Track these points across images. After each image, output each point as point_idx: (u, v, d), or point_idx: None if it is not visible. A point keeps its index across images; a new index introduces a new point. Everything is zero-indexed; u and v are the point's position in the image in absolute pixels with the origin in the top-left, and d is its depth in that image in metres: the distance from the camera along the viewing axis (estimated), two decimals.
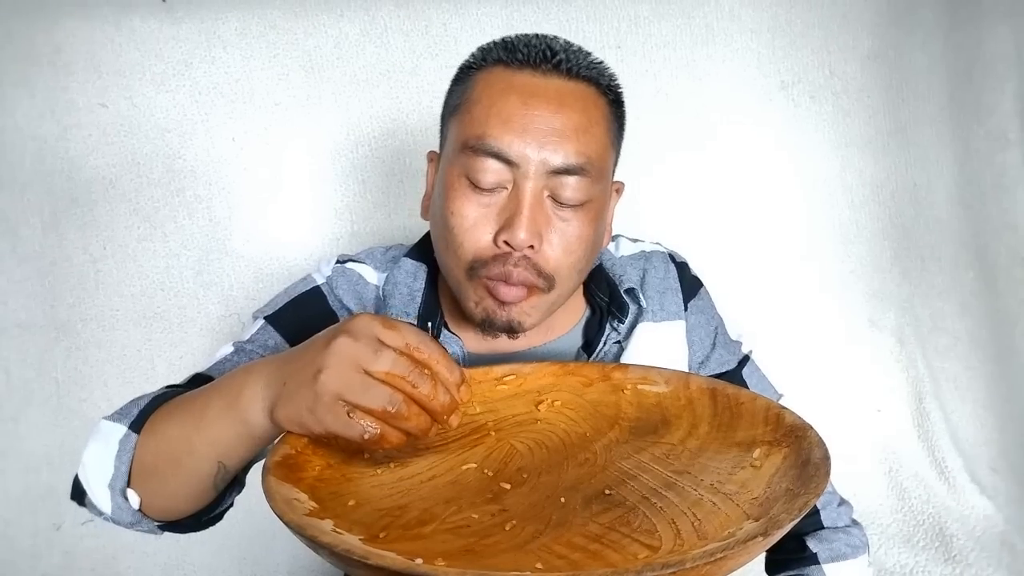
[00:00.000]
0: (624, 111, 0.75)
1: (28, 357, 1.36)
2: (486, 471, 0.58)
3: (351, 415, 0.48)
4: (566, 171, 0.66)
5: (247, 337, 0.75)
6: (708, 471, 0.56)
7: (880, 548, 1.48)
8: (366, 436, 0.48)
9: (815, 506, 0.82)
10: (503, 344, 0.77)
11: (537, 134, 0.66)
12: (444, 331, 0.76)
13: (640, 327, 0.79)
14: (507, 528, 0.49)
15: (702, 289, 0.85)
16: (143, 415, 0.61)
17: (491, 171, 0.66)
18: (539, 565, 0.44)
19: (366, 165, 1.47)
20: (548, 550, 0.46)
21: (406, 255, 0.81)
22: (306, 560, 1.46)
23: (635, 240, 0.88)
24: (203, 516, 0.65)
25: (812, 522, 0.82)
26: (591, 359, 0.77)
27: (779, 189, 1.61)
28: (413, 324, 0.54)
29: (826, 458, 0.51)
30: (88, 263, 1.39)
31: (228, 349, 0.74)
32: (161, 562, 1.42)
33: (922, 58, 1.58)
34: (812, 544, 0.80)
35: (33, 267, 1.38)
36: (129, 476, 0.59)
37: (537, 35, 0.70)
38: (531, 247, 0.67)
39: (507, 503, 0.53)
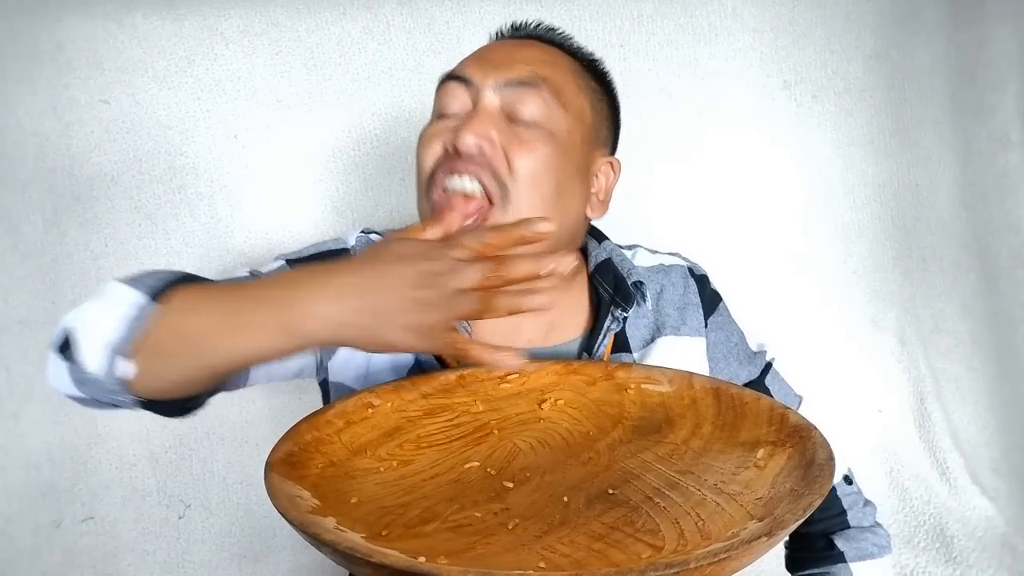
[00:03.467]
0: (610, 86, 0.79)
1: (29, 354, 1.36)
2: (489, 470, 0.58)
3: (453, 331, 0.51)
4: (519, 83, 0.68)
5: (264, 270, 0.74)
6: (712, 471, 0.56)
7: None
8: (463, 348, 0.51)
9: (842, 506, 0.83)
10: (505, 341, 0.76)
11: (494, 56, 0.71)
12: None
13: (661, 340, 0.78)
14: (510, 527, 0.49)
15: (722, 304, 0.84)
16: (165, 287, 0.56)
17: (451, 95, 0.70)
18: (542, 564, 0.44)
19: (368, 163, 1.47)
20: (551, 549, 0.46)
21: None
22: (307, 559, 1.46)
23: (654, 252, 0.86)
24: (185, 403, 0.62)
25: (839, 522, 0.83)
26: (594, 353, 0.76)
27: (780, 189, 1.61)
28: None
29: (830, 459, 0.51)
30: (89, 260, 1.39)
31: (243, 272, 0.73)
32: (161, 559, 1.42)
33: (925, 58, 1.58)
34: (840, 543, 0.81)
35: (34, 264, 1.38)
36: (135, 347, 0.54)
37: (524, 22, 0.78)
38: (483, 152, 0.67)
39: (510, 502, 0.53)
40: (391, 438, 0.61)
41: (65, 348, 0.57)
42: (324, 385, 0.80)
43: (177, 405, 0.61)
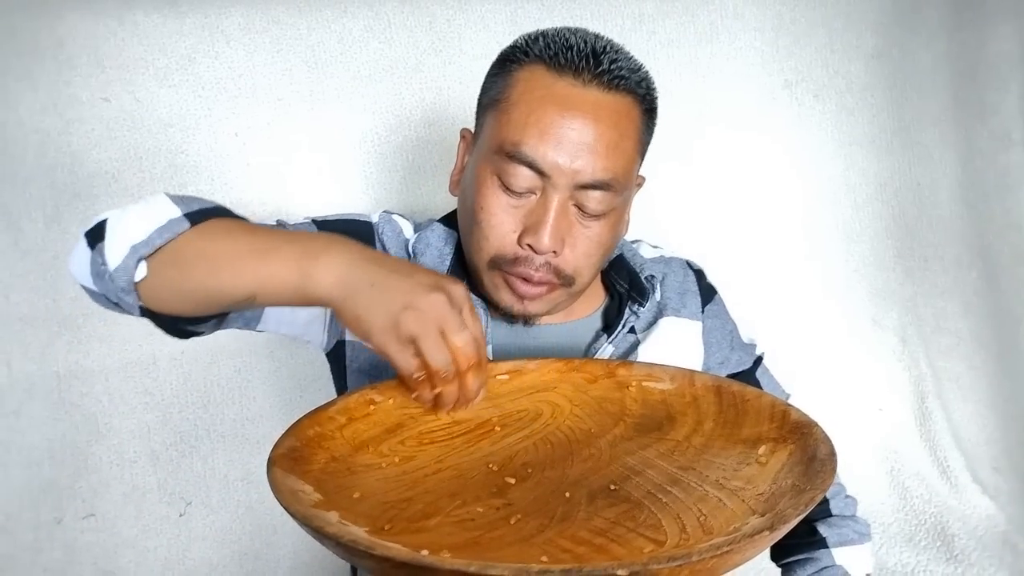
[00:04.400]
0: (656, 115, 0.79)
1: (30, 351, 1.36)
2: (491, 465, 0.58)
3: (414, 356, 0.53)
4: (593, 187, 0.70)
5: (291, 224, 0.78)
6: (713, 467, 0.56)
7: (881, 547, 1.48)
8: (415, 376, 0.54)
9: (825, 495, 0.84)
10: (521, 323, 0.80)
11: (570, 147, 0.69)
12: (471, 295, 0.77)
13: (663, 321, 0.82)
14: (512, 522, 0.49)
15: (717, 296, 0.89)
16: (204, 213, 0.59)
17: (523, 178, 0.70)
18: (544, 558, 0.45)
19: (369, 161, 1.47)
20: (553, 544, 0.46)
21: (438, 221, 0.85)
22: (307, 556, 1.46)
23: (655, 247, 0.91)
24: (182, 323, 0.64)
25: (821, 510, 0.86)
26: (610, 340, 0.79)
27: (782, 188, 1.61)
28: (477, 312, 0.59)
29: (832, 454, 0.51)
30: None
31: (271, 222, 0.76)
32: (162, 556, 1.42)
33: (926, 57, 1.58)
34: (822, 529, 0.83)
35: (35, 261, 1.38)
36: (155, 252, 0.57)
37: (581, 35, 0.72)
38: (554, 252, 0.71)
39: (512, 497, 0.53)
40: (393, 434, 0.61)
41: (92, 234, 0.60)
42: (339, 348, 0.81)
43: (177, 324, 0.64)
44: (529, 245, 0.71)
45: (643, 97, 0.74)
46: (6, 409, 1.37)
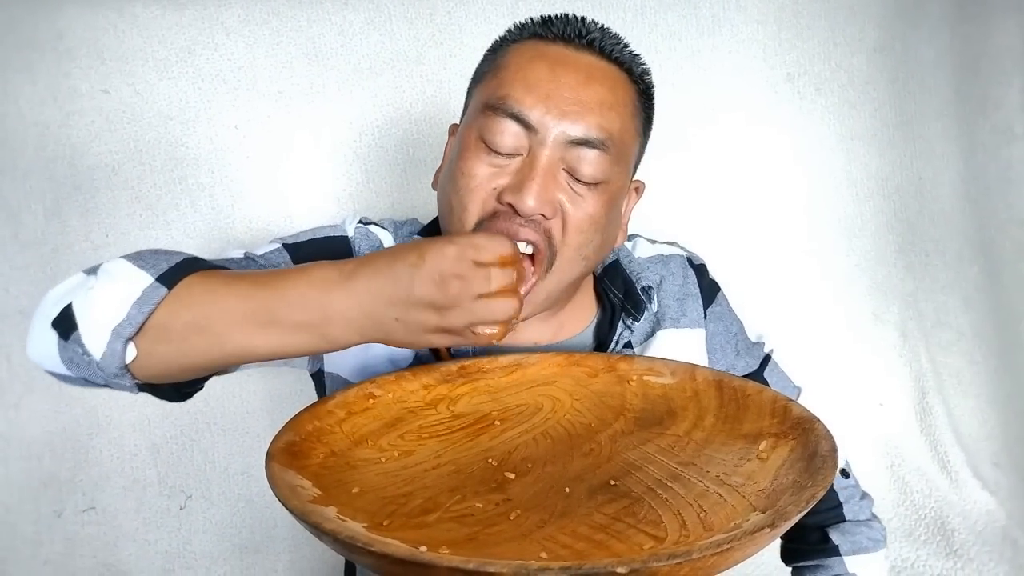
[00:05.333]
0: (653, 106, 0.74)
1: None
2: (491, 460, 0.58)
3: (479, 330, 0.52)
4: (585, 143, 0.64)
5: (259, 253, 0.73)
6: (714, 463, 0.56)
7: None
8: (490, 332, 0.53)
9: (837, 499, 0.83)
10: (510, 339, 0.75)
11: (560, 101, 0.64)
12: None
13: (660, 334, 0.78)
14: (511, 517, 0.49)
15: (720, 294, 0.84)
16: (176, 272, 0.55)
17: (508, 133, 0.64)
18: (543, 554, 0.44)
19: (369, 154, 1.46)
20: (552, 539, 0.46)
21: (419, 232, 0.80)
22: (307, 550, 1.46)
23: (653, 241, 0.86)
24: (184, 388, 0.62)
25: (834, 515, 0.83)
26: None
27: (783, 181, 1.60)
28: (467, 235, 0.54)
29: (833, 451, 0.51)
30: (90, 250, 1.39)
31: (237, 253, 0.72)
32: (162, 550, 1.42)
33: (928, 51, 1.57)
34: (834, 536, 0.81)
35: (35, 254, 1.37)
36: (140, 331, 0.53)
37: (576, 15, 0.70)
38: (543, 216, 0.65)
39: (511, 492, 0.53)
40: (393, 428, 0.61)
41: (60, 324, 0.55)
42: (319, 376, 0.79)
43: (177, 389, 0.61)
44: (510, 204, 0.63)
45: (638, 76, 0.70)
46: (6, 402, 1.37)
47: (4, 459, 1.38)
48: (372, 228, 0.78)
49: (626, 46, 0.70)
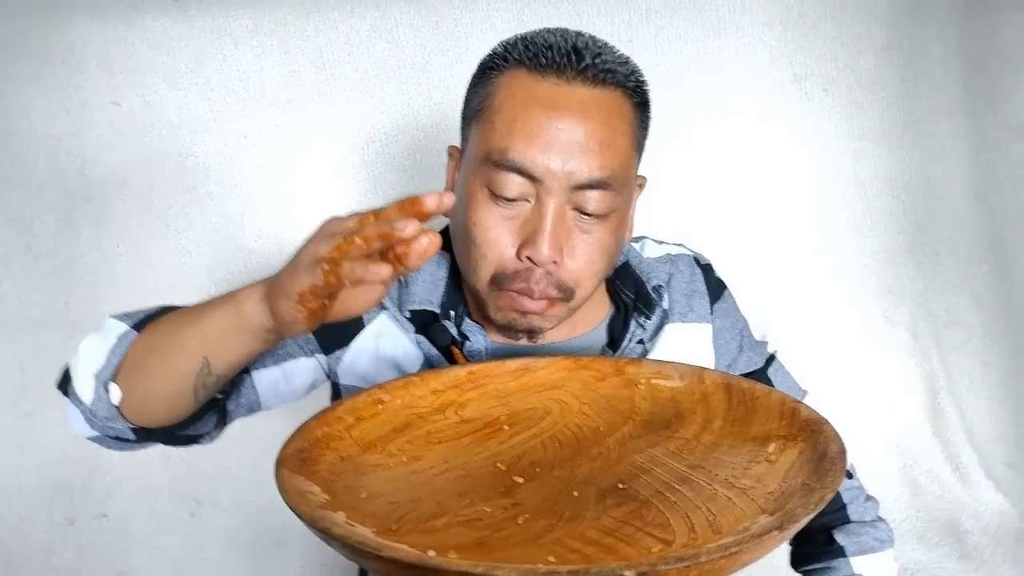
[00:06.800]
0: (649, 109, 0.74)
1: (43, 353, 1.37)
2: (499, 465, 0.58)
3: (320, 265, 0.48)
4: (589, 186, 0.66)
5: None
6: (722, 466, 0.56)
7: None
8: (325, 268, 0.48)
9: (841, 500, 0.83)
10: (525, 338, 0.77)
11: (561, 148, 0.64)
12: (467, 320, 0.76)
13: (668, 328, 0.79)
14: (520, 522, 0.49)
15: (726, 292, 0.85)
16: (148, 318, 0.63)
17: (514, 185, 0.65)
18: (551, 558, 0.44)
19: (378, 161, 1.47)
20: (561, 544, 0.46)
21: None
22: (318, 555, 1.47)
23: (660, 242, 0.87)
24: (177, 431, 0.65)
25: (839, 516, 0.83)
26: (616, 356, 0.76)
27: (792, 182, 1.60)
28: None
29: (842, 453, 0.51)
30: (101, 260, 1.40)
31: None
32: (174, 556, 1.43)
33: (936, 49, 1.56)
34: (840, 538, 0.81)
35: (47, 265, 1.39)
36: (118, 371, 0.60)
37: (560, 33, 0.68)
38: (554, 262, 0.67)
39: (520, 497, 0.53)
40: (401, 434, 0.61)
41: (62, 384, 0.63)
42: (335, 388, 0.81)
43: (170, 432, 0.65)
44: (528, 257, 0.66)
45: (633, 90, 0.70)
46: (20, 411, 1.38)
47: (17, 467, 1.39)
48: None
49: (617, 59, 0.69)
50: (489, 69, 0.71)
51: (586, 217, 0.67)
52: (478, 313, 0.78)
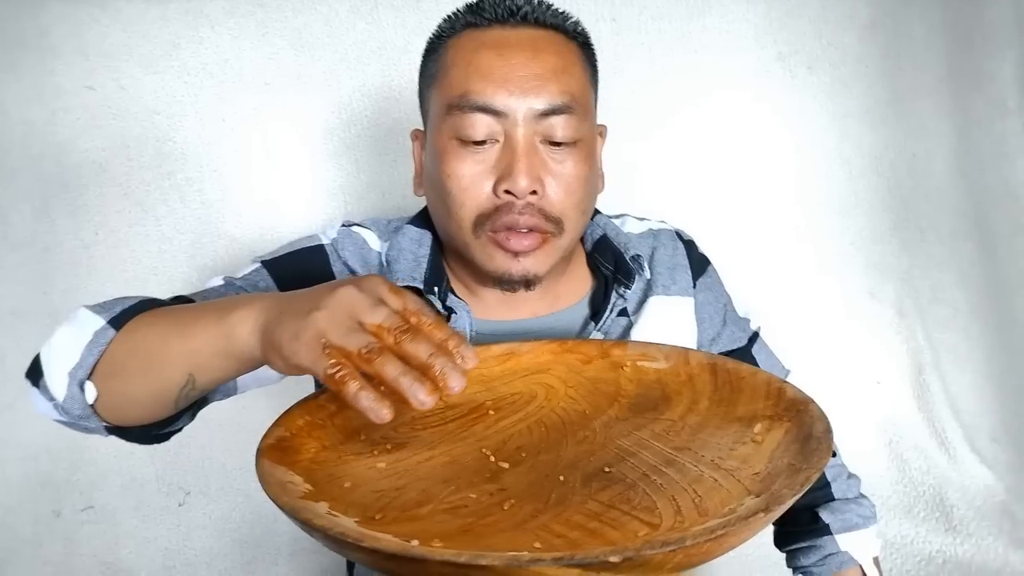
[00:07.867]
0: (594, 54, 0.77)
1: (22, 344, 1.35)
2: (484, 451, 0.57)
3: (325, 351, 0.46)
4: (553, 111, 0.68)
5: (240, 275, 0.76)
6: (709, 447, 0.55)
7: (881, 519, 1.47)
8: (330, 372, 0.45)
9: (825, 479, 0.84)
10: (508, 312, 0.78)
11: (518, 81, 0.67)
12: (451, 296, 0.75)
13: (651, 300, 0.80)
14: (505, 507, 0.49)
15: (710, 267, 0.86)
16: (126, 314, 0.59)
17: (480, 125, 0.67)
18: (537, 544, 0.44)
19: (359, 144, 1.45)
20: (547, 529, 0.46)
21: (408, 223, 0.81)
22: (308, 543, 1.46)
23: (641, 219, 0.88)
24: (152, 430, 0.64)
25: (823, 495, 0.84)
26: (598, 327, 0.77)
27: (776, 161, 1.60)
28: (420, 300, 0.52)
29: (828, 432, 0.50)
30: (80, 249, 1.38)
31: (218, 281, 0.75)
32: (162, 547, 1.42)
33: (920, 27, 1.56)
34: (825, 515, 0.82)
35: (25, 254, 1.37)
36: (93, 370, 0.57)
37: None
38: (534, 193, 0.68)
39: (505, 482, 0.52)
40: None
41: (31, 374, 0.60)
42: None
43: (145, 431, 0.63)
44: (507, 191, 0.67)
45: (575, 32, 0.73)
46: (1, 404, 1.37)
47: (1, 460, 1.38)
48: (355, 229, 0.81)
49: (555, 8, 0.73)
50: (437, 39, 0.75)
51: (556, 148, 0.69)
52: (461, 289, 0.79)
